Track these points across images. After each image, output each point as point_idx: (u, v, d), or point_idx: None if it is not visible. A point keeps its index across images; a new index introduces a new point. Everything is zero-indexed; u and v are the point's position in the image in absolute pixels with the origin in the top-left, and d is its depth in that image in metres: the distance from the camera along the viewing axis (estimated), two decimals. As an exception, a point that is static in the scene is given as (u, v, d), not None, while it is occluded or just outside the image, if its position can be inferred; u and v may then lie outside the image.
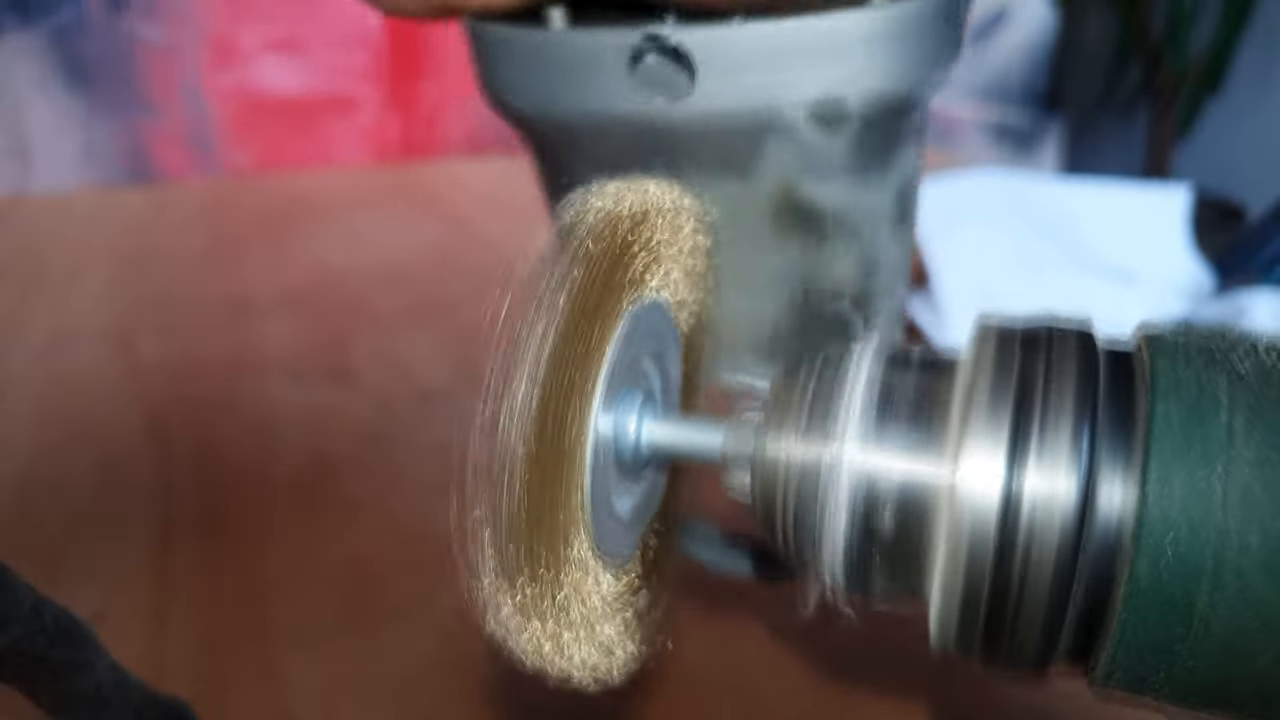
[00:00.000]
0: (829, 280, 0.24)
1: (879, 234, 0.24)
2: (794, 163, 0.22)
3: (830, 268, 0.24)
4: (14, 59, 0.87)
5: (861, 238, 0.24)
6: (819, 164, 0.22)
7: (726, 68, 0.20)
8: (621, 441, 0.19)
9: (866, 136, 0.22)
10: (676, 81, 0.20)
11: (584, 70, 0.21)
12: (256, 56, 0.93)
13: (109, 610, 0.35)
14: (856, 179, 0.23)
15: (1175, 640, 0.15)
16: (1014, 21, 1.34)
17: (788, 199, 0.22)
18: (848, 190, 0.23)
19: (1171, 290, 0.59)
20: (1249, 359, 0.16)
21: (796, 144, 0.21)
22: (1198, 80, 1.29)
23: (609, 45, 0.20)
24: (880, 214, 0.24)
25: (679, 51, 0.20)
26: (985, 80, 1.34)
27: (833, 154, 0.22)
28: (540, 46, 0.21)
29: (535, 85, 0.22)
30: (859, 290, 0.24)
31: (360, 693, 0.32)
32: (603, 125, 0.21)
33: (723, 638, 0.34)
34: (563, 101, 0.21)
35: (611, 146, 0.22)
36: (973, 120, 1.36)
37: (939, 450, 0.17)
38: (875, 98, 0.21)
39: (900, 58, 0.21)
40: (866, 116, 0.21)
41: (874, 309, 0.25)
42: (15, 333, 0.59)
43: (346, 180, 0.93)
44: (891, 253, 0.25)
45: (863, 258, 0.24)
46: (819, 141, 0.21)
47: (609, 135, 0.21)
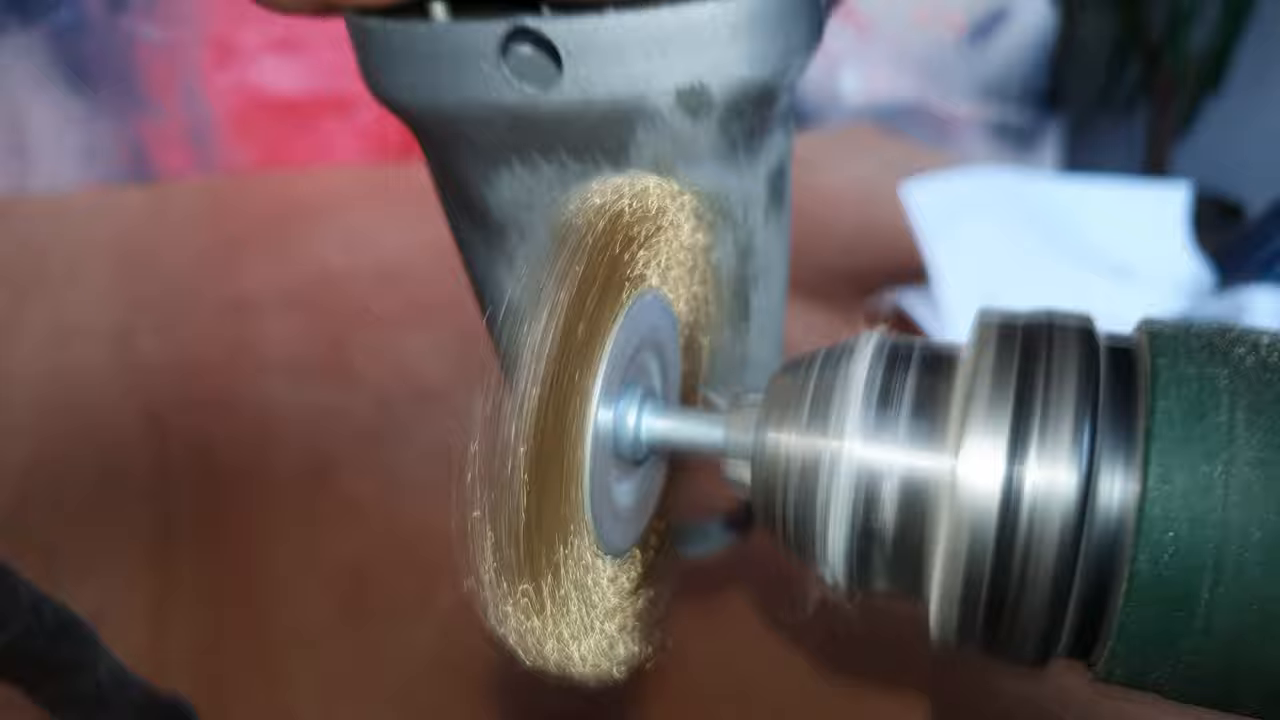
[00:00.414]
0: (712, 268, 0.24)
1: (753, 218, 0.25)
2: (665, 150, 0.22)
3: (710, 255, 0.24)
4: (14, 59, 0.87)
5: (735, 223, 0.24)
6: (688, 151, 0.22)
7: (593, 57, 0.21)
8: (621, 436, 0.19)
9: (732, 123, 0.23)
10: (545, 70, 0.21)
11: (459, 62, 0.21)
12: (256, 56, 0.93)
13: (109, 609, 0.35)
14: (726, 164, 0.23)
15: (1177, 636, 0.15)
16: (1014, 20, 1.34)
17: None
18: (718, 176, 0.23)
19: (1171, 287, 0.59)
20: (1250, 355, 0.16)
21: (665, 131, 0.22)
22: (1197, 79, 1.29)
23: (481, 36, 0.21)
24: (753, 198, 0.25)
25: (545, 40, 0.20)
26: (985, 79, 1.34)
27: (700, 140, 0.22)
28: (417, 39, 0.22)
29: (414, 79, 0.22)
30: (739, 274, 0.25)
31: (360, 692, 0.32)
32: (481, 116, 0.22)
33: (723, 634, 0.34)
34: (442, 94, 0.22)
35: (491, 137, 0.22)
36: (973, 119, 1.36)
37: (940, 444, 0.17)
38: (738, 85, 0.22)
39: (761, 46, 0.22)
40: (730, 103, 0.22)
41: (754, 294, 0.26)
42: (15, 332, 0.59)
43: (346, 180, 0.92)
44: (767, 238, 0.26)
45: (739, 243, 0.25)
46: (686, 128, 0.22)
47: (488, 126, 0.22)
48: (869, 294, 0.61)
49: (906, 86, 1.29)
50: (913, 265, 0.58)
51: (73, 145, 0.90)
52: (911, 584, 0.17)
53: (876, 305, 0.60)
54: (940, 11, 1.28)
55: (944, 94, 1.32)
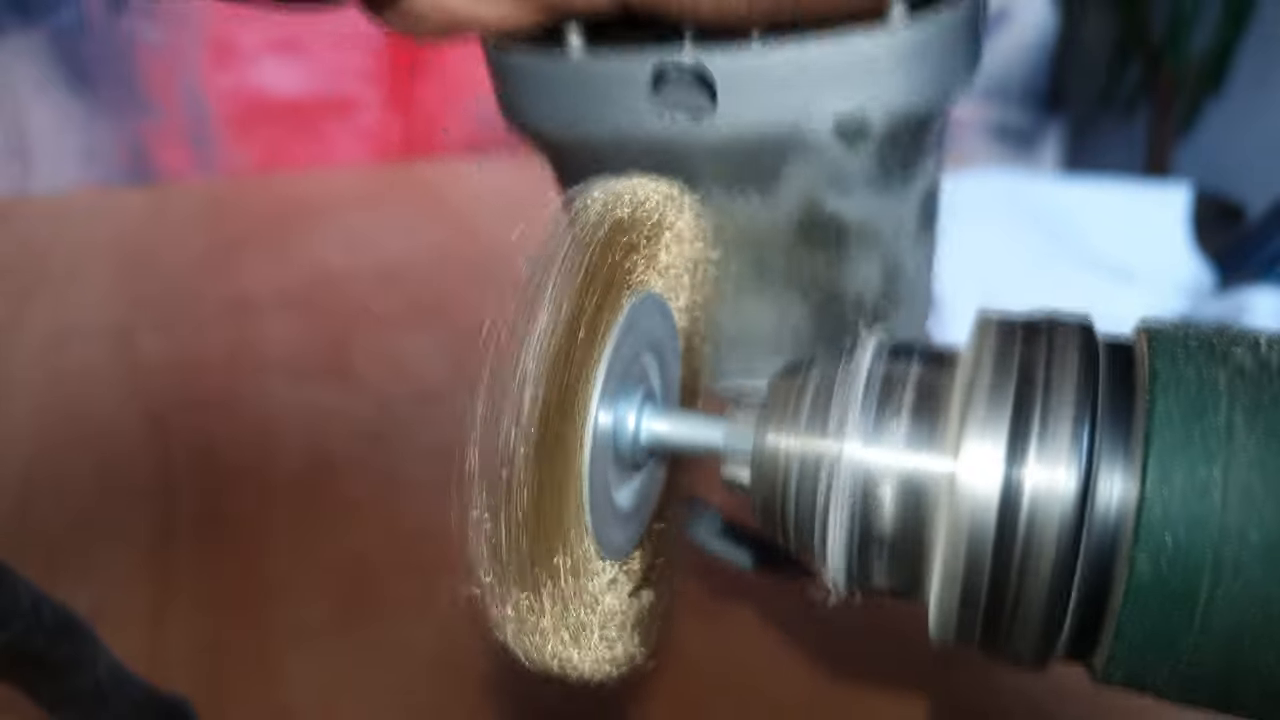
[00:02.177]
0: (852, 289, 0.24)
1: (902, 242, 0.24)
2: (817, 178, 0.22)
3: (854, 277, 0.24)
4: (14, 60, 0.87)
5: (884, 246, 0.24)
6: (842, 179, 0.22)
7: (748, 89, 0.20)
8: (621, 436, 0.19)
9: (889, 150, 0.22)
10: (698, 103, 0.20)
11: (605, 94, 0.21)
12: (256, 57, 0.93)
13: (109, 608, 0.35)
14: (879, 191, 0.23)
15: (1176, 636, 0.15)
16: (1014, 21, 1.33)
17: (811, 213, 0.22)
18: (871, 202, 0.23)
19: (1172, 288, 0.59)
20: (1250, 355, 0.16)
21: (819, 161, 0.21)
22: (1198, 80, 1.29)
23: (630, 69, 0.20)
24: (904, 223, 0.24)
25: (700, 75, 0.20)
26: (986, 80, 1.34)
27: (855, 169, 0.22)
28: (560, 72, 0.21)
29: (556, 109, 0.22)
30: (881, 297, 0.24)
31: (360, 691, 0.32)
32: (625, 147, 0.21)
33: (723, 633, 0.34)
34: (584, 124, 0.22)
35: (634, 167, 0.22)
36: (973, 120, 1.36)
37: (939, 444, 0.17)
38: (898, 114, 0.21)
39: (922, 73, 0.21)
40: (889, 132, 0.21)
41: (898, 315, 0.25)
42: (16, 332, 0.59)
43: (346, 180, 0.92)
44: (915, 259, 0.25)
45: (886, 266, 0.24)
46: (842, 157, 0.21)
47: (631, 157, 0.21)
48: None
49: (907, 87, 1.28)
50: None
51: (73, 146, 0.90)
52: (911, 584, 0.17)
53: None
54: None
55: (944, 95, 1.32)
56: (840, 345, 0.19)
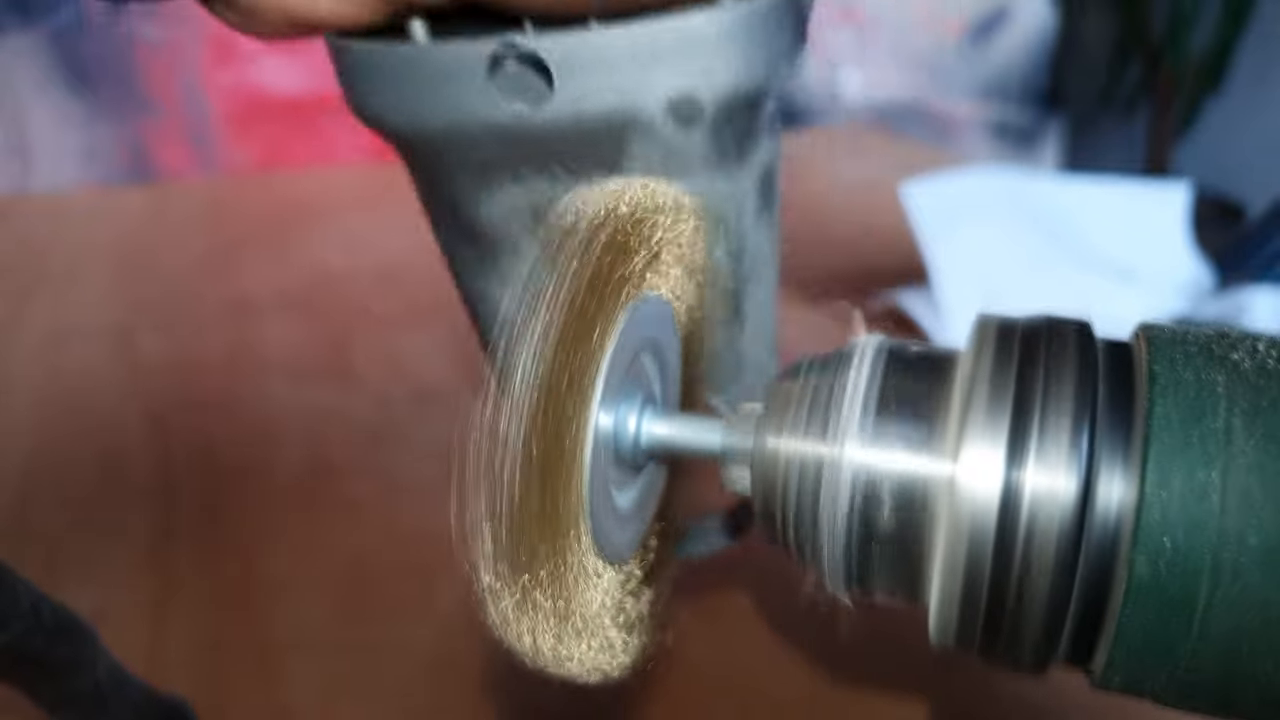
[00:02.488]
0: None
1: (744, 222, 0.25)
2: (657, 160, 0.22)
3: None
4: (14, 59, 0.87)
5: (727, 227, 0.25)
6: (680, 160, 0.23)
7: (584, 72, 0.21)
8: (621, 438, 0.19)
9: (723, 130, 0.23)
10: (535, 88, 0.21)
11: (446, 82, 0.21)
12: (256, 56, 0.93)
13: (109, 609, 0.35)
14: (717, 171, 0.23)
15: (1175, 640, 0.15)
16: (1014, 20, 1.33)
17: None
18: (710, 183, 0.23)
19: (1171, 288, 0.59)
20: (1249, 358, 0.16)
21: (658, 142, 0.22)
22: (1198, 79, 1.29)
23: (468, 55, 0.21)
24: (744, 202, 0.25)
25: (535, 58, 0.20)
26: (986, 79, 1.34)
27: (692, 149, 0.23)
28: (402, 61, 0.22)
29: (400, 100, 0.22)
30: (729, 279, 0.25)
31: (360, 692, 0.32)
32: (470, 135, 0.22)
33: (723, 634, 0.34)
34: (429, 114, 0.22)
35: (481, 155, 0.22)
36: (973, 119, 1.36)
37: (939, 446, 0.17)
38: (729, 92, 0.22)
39: (750, 53, 0.22)
40: (721, 111, 0.22)
41: (744, 295, 0.26)
42: (16, 332, 0.59)
43: (346, 180, 0.92)
44: (758, 240, 0.26)
45: (730, 248, 0.25)
46: (678, 138, 0.22)
47: (478, 145, 0.22)
48: (869, 295, 0.61)
49: (907, 86, 1.29)
50: (913, 265, 0.58)
51: (73, 145, 0.90)
52: (911, 588, 0.17)
53: (876, 306, 0.60)
54: (940, 11, 1.28)
55: (944, 94, 1.32)
56: (840, 347, 0.19)
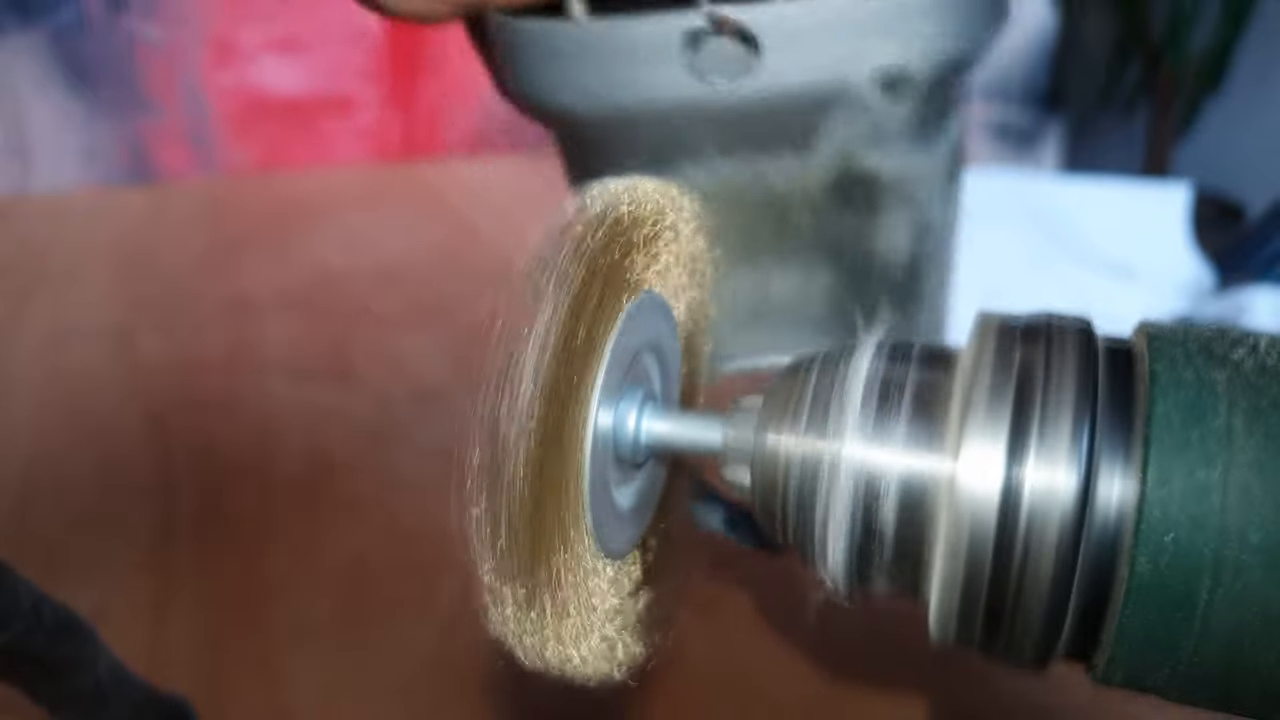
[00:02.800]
0: (881, 249, 0.24)
1: (932, 197, 0.24)
2: (856, 133, 0.22)
3: (885, 235, 0.24)
4: (14, 59, 0.87)
5: (915, 203, 0.24)
6: (880, 133, 0.22)
7: (793, 43, 0.20)
8: (621, 437, 0.19)
9: (927, 101, 0.22)
10: (738, 62, 0.20)
11: (632, 59, 0.20)
12: (256, 56, 0.93)
13: (109, 608, 0.35)
14: (914, 145, 0.23)
15: (1176, 638, 0.15)
16: (1015, 21, 1.33)
17: (846, 170, 0.22)
18: (906, 156, 0.23)
19: (1172, 287, 0.59)
20: (1250, 357, 0.16)
21: (862, 114, 0.21)
22: (1198, 79, 1.29)
23: (660, 31, 0.20)
24: (934, 177, 0.24)
25: (744, 32, 0.19)
26: (986, 79, 1.34)
27: (894, 121, 0.22)
28: (585, 39, 0.21)
29: (576, 79, 0.21)
30: (912, 254, 0.24)
31: (360, 691, 0.32)
32: (656, 114, 0.21)
33: (723, 633, 0.34)
34: (610, 92, 0.21)
35: (663, 135, 0.21)
36: (973, 119, 1.36)
37: (939, 444, 0.17)
38: (940, 62, 0.21)
39: (959, 20, 0.21)
40: (930, 80, 0.21)
41: (926, 271, 0.25)
42: (15, 332, 0.59)
43: (346, 180, 0.92)
44: (943, 215, 0.25)
45: (915, 222, 0.24)
46: (883, 110, 0.21)
47: (662, 124, 0.21)
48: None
49: (907, 87, 1.28)
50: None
51: (73, 146, 0.90)
52: (911, 585, 0.17)
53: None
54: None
55: (944, 94, 1.32)
56: (841, 344, 0.19)
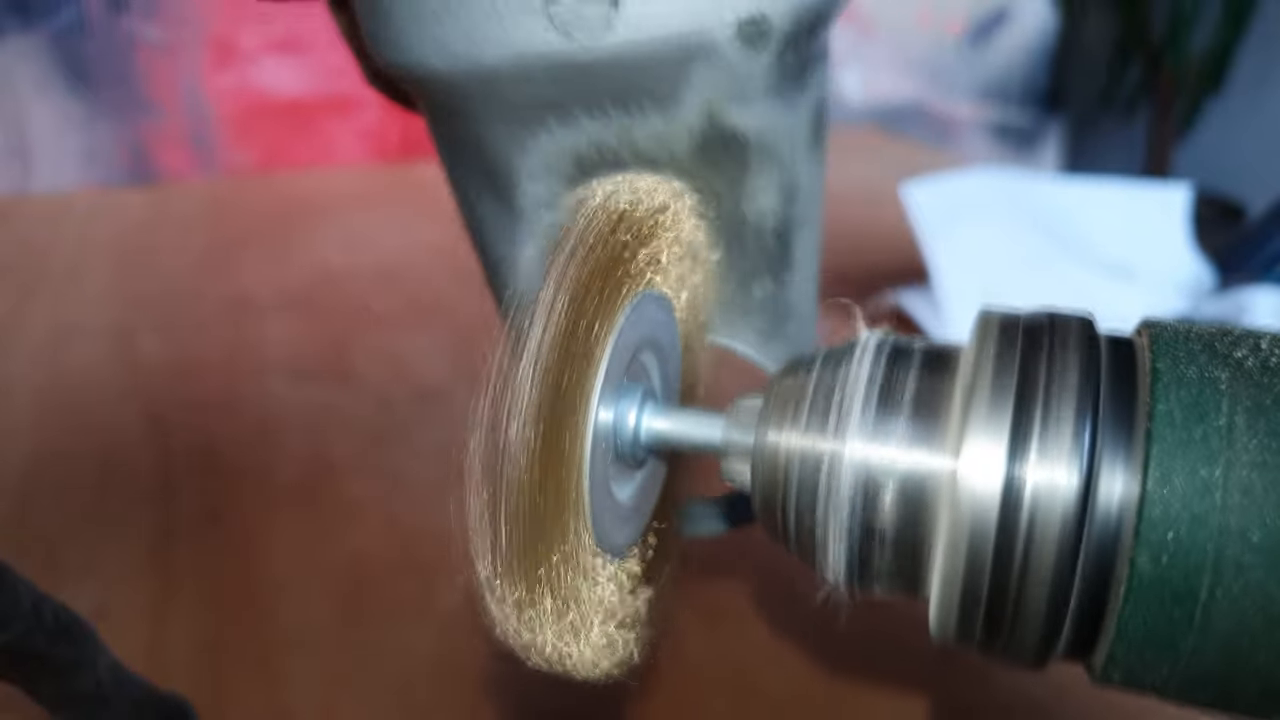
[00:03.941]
0: (753, 211, 0.24)
1: (797, 157, 0.24)
2: (719, 88, 0.21)
3: (754, 198, 0.23)
4: (15, 60, 0.87)
5: (782, 163, 0.24)
6: (743, 87, 0.22)
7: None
8: (621, 434, 0.19)
9: (787, 54, 0.22)
10: (596, 15, 0.20)
11: (493, 12, 0.20)
12: (256, 56, 0.93)
13: (109, 608, 0.35)
14: (777, 100, 0.23)
15: (1176, 636, 0.15)
16: (1015, 21, 1.34)
17: (712, 128, 0.22)
18: (769, 113, 0.23)
19: (1172, 288, 0.59)
20: (1252, 355, 0.16)
21: (722, 67, 0.21)
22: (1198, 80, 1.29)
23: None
24: (798, 136, 0.24)
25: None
26: (986, 80, 1.34)
27: (756, 75, 0.22)
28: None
29: (439, 36, 0.21)
30: (782, 218, 0.24)
31: (360, 691, 0.32)
32: (518, 73, 0.20)
33: (722, 631, 0.34)
34: (472, 52, 0.21)
35: (527, 95, 0.21)
36: (973, 120, 1.36)
37: (940, 442, 0.16)
38: (799, 12, 0.21)
39: None
40: (789, 32, 0.21)
41: (798, 239, 0.25)
42: (16, 332, 0.59)
43: (346, 180, 0.93)
44: (810, 178, 0.25)
45: (783, 184, 0.24)
46: (743, 62, 0.21)
47: (525, 83, 0.21)
48: (869, 294, 0.61)
49: (907, 87, 1.29)
50: (913, 265, 0.58)
51: (74, 146, 0.90)
52: (911, 583, 0.17)
53: (877, 305, 0.60)
54: (940, 12, 1.28)
55: (945, 95, 1.32)
56: (841, 343, 0.19)
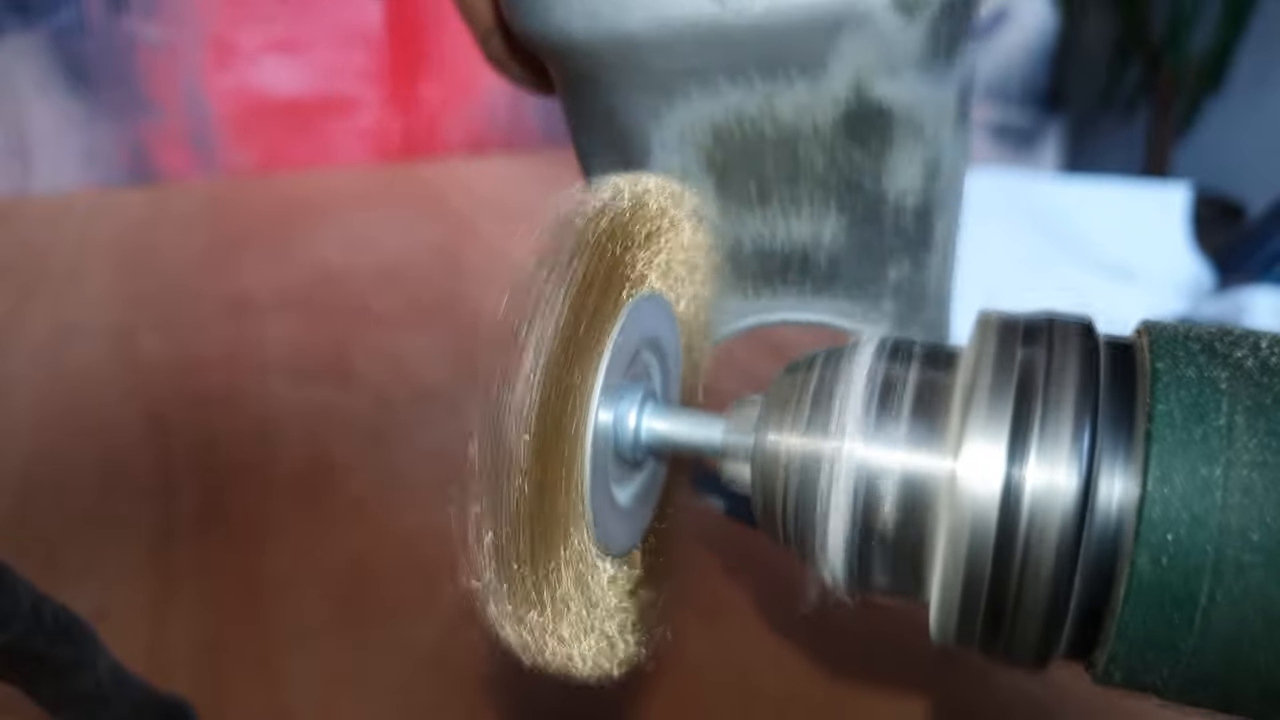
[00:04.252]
0: (893, 191, 0.23)
1: (942, 134, 0.23)
2: (868, 58, 0.21)
3: (897, 174, 0.23)
4: (15, 60, 0.87)
5: (926, 140, 0.23)
6: (894, 58, 0.21)
7: None
8: (621, 434, 0.19)
9: (940, 26, 0.21)
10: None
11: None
12: (256, 56, 0.93)
13: (109, 608, 0.35)
14: (927, 74, 0.22)
15: (1176, 637, 0.15)
16: (1015, 21, 1.34)
17: (859, 100, 0.21)
18: (918, 86, 0.22)
19: (1172, 287, 0.59)
20: (1252, 355, 0.16)
21: (874, 36, 0.20)
22: (1198, 79, 1.29)
23: None
24: (945, 112, 0.23)
25: None
26: (986, 79, 1.34)
27: (908, 45, 0.21)
28: None
29: (585, 3, 0.20)
30: (923, 197, 0.23)
31: (360, 691, 0.32)
32: (666, 39, 0.20)
33: (723, 633, 0.34)
34: (616, 16, 0.20)
35: (672, 63, 0.20)
36: (973, 119, 1.36)
37: (940, 443, 0.16)
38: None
39: None
40: (945, 2, 0.21)
41: (939, 219, 0.24)
42: (16, 332, 0.59)
43: (346, 180, 0.93)
44: (954, 157, 0.24)
45: (927, 161, 0.23)
46: (896, 32, 0.20)
47: (672, 50, 0.20)
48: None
49: (907, 87, 1.28)
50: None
51: (74, 147, 0.90)
52: (911, 584, 0.17)
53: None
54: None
55: (944, 94, 1.32)
56: (841, 344, 0.19)
